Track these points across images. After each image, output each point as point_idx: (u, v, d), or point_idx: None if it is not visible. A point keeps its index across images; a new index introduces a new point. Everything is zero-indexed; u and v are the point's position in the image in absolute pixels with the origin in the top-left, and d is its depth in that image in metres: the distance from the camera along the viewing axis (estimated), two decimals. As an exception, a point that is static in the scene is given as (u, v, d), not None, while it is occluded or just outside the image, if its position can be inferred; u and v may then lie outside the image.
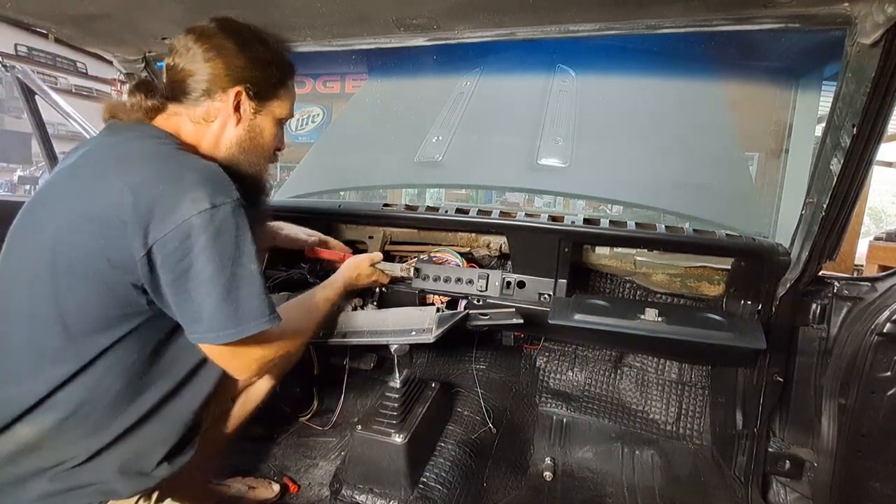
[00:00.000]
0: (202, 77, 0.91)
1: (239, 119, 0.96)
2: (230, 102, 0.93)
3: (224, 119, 0.94)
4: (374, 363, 1.78)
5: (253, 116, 0.97)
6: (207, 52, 0.91)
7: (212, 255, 0.78)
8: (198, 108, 0.93)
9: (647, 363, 1.75)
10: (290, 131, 7.13)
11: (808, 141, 1.81)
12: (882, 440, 1.11)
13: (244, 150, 0.98)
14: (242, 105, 0.95)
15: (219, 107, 0.93)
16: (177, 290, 0.80)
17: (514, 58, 2.01)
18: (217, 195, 0.80)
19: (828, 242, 1.08)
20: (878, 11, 0.75)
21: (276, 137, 1.04)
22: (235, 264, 0.81)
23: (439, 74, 2.05)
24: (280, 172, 6.38)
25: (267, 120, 1.00)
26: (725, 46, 1.65)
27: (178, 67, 0.92)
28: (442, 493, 1.25)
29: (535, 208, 3.32)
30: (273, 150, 1.06)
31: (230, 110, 0.94)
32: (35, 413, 0.80)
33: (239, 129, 0.96)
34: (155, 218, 0.77)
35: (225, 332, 0.81)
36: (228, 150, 0.96)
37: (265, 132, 1.01)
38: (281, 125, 1.05)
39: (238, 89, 0.93)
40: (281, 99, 1.01)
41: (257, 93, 0.95)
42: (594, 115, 1.85)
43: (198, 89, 0.92)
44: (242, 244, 0.82)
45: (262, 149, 1.02)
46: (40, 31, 1.30)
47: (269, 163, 1.06)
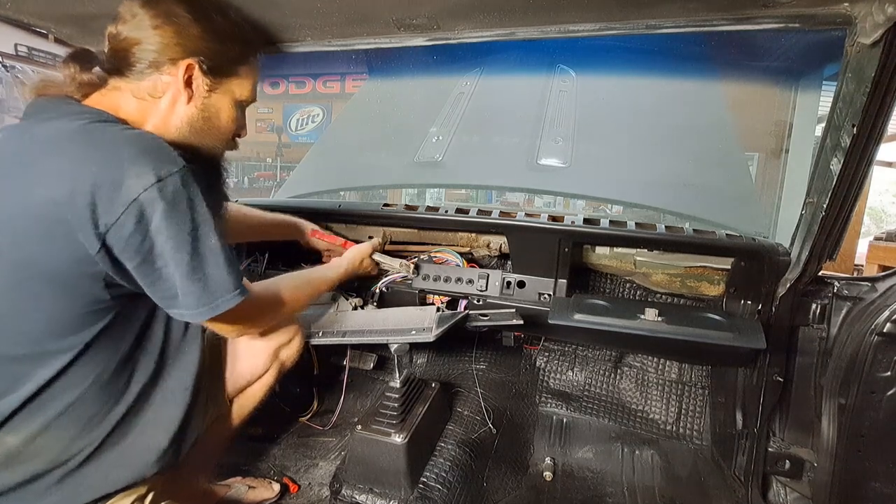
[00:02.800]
0: (149, 46, 0.81)
1: (191, 96, 0.86)
2: (180, 76, 0.83)
3: (174, 95, 0.85)
4: (374, 363, 1.78)
5: (207, 94, 0.88)
6: (155, 18, 0.81)
7: (170, 231, 0.73)
8: (143, 83, 0.83)
9: (647, 363, 1.75)
10: (290, 131, 7.17)
11: (808, 141, 1.81)
12: (882, 440, 1.11)
13: (196, 132, 0.89)
14: (195, 80, 0.85)
15: (167, 81, 0.84)
16: (145, 273, 0.76)
17: (514, 58, 2.01)
18: (161, 166, 0.74)
19: (828, 242, 1.08)
20: (878, 11, 0.75)
21: (235, 120, 0.94)
22: (195, 237, 0.76)
23: (439, 74, 2.06)
24: (280, 172, 6.39)
25: (224, 100, 0.91)
26: (725, 46, 1.65)
27: (122, 35, 0.82)
28: (442, 493, 1.25)
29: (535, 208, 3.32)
30: (232, 134, 0.97)
31: (180, 85, 0.84)
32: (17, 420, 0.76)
33: (190, 108, 0.87)
34: (100, 204, 0.71)
35: (199, 310, 0.78)
36: (178, 131, 0.87)
37: (221, 113, 0.91)
38: (242, 108, 0.96)
39: (189, 62, 0.83)
40: (241, 77, 0.92)
41: (213, 68, 0.86)
42: (594, 115, 1.85)
43: (143, 60, 0.82)
44: (198, 214, 0.77)
45: (218, 131, 0.93)
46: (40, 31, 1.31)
47: (226, 148, 0.98)
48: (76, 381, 0.79)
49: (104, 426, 0.82)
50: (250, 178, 7.33)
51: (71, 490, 0.80)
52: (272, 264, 1.61)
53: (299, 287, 1.10)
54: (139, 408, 0.87)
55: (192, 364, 0.93)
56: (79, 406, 0.79)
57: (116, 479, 0.83)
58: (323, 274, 1.22)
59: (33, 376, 0.76)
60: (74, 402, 0.79)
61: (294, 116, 6.77)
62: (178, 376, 0.91)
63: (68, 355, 0.77)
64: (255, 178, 7.26)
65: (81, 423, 0.80)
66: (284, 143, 6.64)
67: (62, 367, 0.77)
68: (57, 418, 0.78)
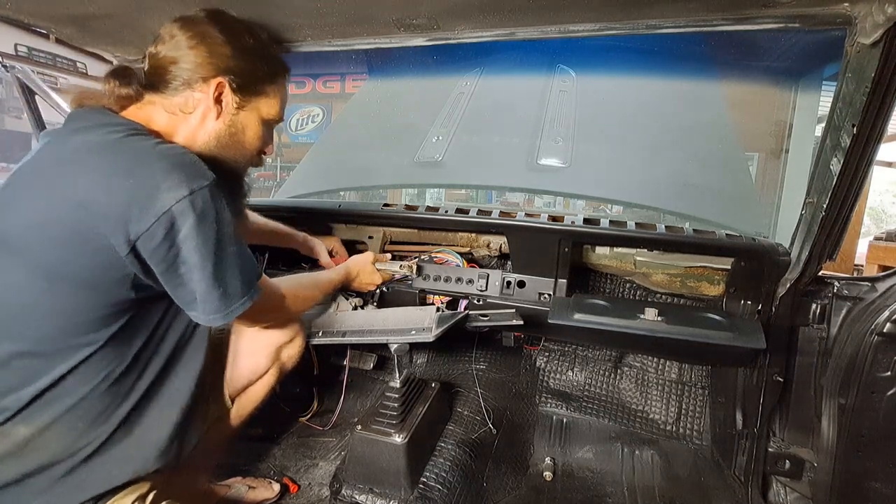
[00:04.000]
0: (184, 65, 0.86)
1: (220, 112, 0.90)
2: (211, 93, 0.88)
3: (204, 111, 0.89)
4: (374, 363, 1.78)
5: (235, 111, 0.92)
6: (191, 39, 0.86)
7: (197, 242, 0.77)
8: (176, 98, 0.88)
9: (647, 363, 1.75)
10: (289, 131, 7.15)
11: (808, 141, 1.81)
12: (882, 440, 1.11)
13: (223, 147, 0.92)
14: (224, 97, 0.89)
15: (199, 97, 0.88)
16: (170, 278, 0.80)
17: (514, 58, 2.01)
18: (193, 180, 0.77)
19: (828, 242, 1.07)
20: (878, 11, 0.75)
21: (260, 138, 0.98)
22: (219, 248, 0.80)
23: (439, 74, 2.06)
24: (280, 172, 6.39)
25: (251, 117, 0.95)
26: (725, 46, 1.65)
27: (160, 55, 0.87)
28: (442, 493, 1.25)
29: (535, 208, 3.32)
30: (257, 152, 1.01)
31: (210, 102, 0.88)
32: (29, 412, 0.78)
33: (219, 124, 0.91)
34: (132, 214, 0.74)
35: (215, 315, 0.83)
36: (206, 145, 0.91)
37: (248, 130, 0.95)
38: (269, 126, 1.00)
39: (220, 80, 0.88)
40: (269, 97, 0.96)
41: (242, 86, 0.90)
42: (594, 115, 1.86)
43: (178, 78, 0.87)
44: (224, 226, 0.81)
45: (244, 147, 0.96)
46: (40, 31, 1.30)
47: (250, 164, 1.02)
48: (89, 377, 0.81)
49: (111, 422, 0.84)
50: (250, 178, 7.33)
51: (75, 484, 0.80)
52: (272, 264, 1.61)
53: (307, 287, 1.16)
54: (144, 405, 0.88)
55: (197, 364, 0.95)
56: (89, 401, 0.81)
57: (119, 474, 0.84)
58: (329, 277, 1.26)
59: (50, 371, 0.78)
60: (85, 396, 0.81)
61: (294, 116, 6.76)
62: (184, 375, 0.93)
63: (86, 351, 0.79)
64: (255, 178, 7.27)
65: (90, 418, 0.82)
66: (284, 143, 6.64)
67: (77, 362, 0.79)
68: (67, 412, 0.80)
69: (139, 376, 0.87)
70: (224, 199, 0.82)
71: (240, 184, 1.04)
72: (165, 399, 0.91)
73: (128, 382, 0.86)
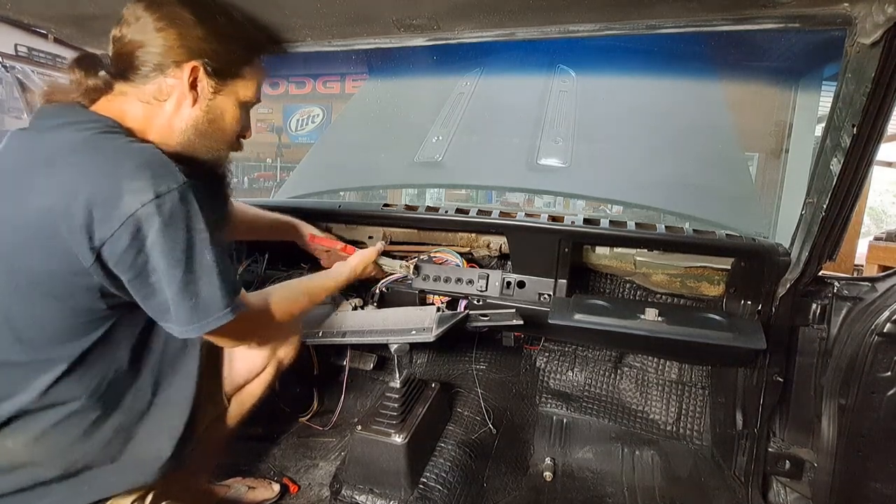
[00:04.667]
0: (153, 49, 0.81)
1: (196, 98, 0.85)
2: (185, 79, 0.83)
3: (179, 98, 0.84)
4: (374, 363, 1.78)
5: (212, 96, 0.87)
6: (159, 20, 0.80)
7: (164, 248, 0.73)
8: (148, 86, 0.82)
9: (647, 363, 1.75)
10: (289, 131, 7.16)
11: (808, 141, 1.81)
12: (882, 440, 1.11)
13: (201, 134, 0.88)
14: (200, 82, 0.84)
15: (172, 84, 0.83)
16: (139, 287, 0.76)
17: (514, 58, 2.01)
18: (160, 182, 0.73)
19: (828, 242, 1.07)
20: (877, 11, 0.75)
21: (239, 121, 0.94)
22: (190, 256, 0.75)
23: (439, 74, 2.06)
24: (280, 172, 6.39)
25: (229, 101, 0.90)
26: (725, 46, 1.65)
27: (126, 38, 0.81)
28: (442, 494, 1.25)
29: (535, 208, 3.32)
30: (236, 136, 0.96)
31: (185, 88, 0.83)
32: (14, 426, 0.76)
33: (196, 110, 0.86)
34: (96, 219, 0.70)
35: (189, 327, 0.78)
36: (183, 134, 0.86)
37: (226, 115, 0.91)
38: (246, 108, 0.96)
39: (195, 64, 0.83)
40: (245, 79, 0.91)
41: (217, 70, 0.86)
42: (594, 115, 1.86)
43: (148, 63, 0.81)
44: (195, 232, 0.76)
45: (223, 133, 0.92)
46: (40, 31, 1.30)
47: (230, 149, 0.98)
48: (75, 389, 0.79)
49: (103, 433, 0.82)
50: (250, 178, 7.33)
51: (70, 494, 0.79)
52: (272, 264, 1.61)
53: (294, 299, 1.06)
54: (140, 416, 0.87)
55: (191, 373, 0.93)
56: (79, 413, 0.79)
57: (118, 483, 0.83)
58: (321, 282, 1.18)
59: (33, 382, 0.76)
60: (74, 409, 0.79)
61: (294, 117, 6.77)
62: (179, 385, 0.91)
63: (66, 363, 0.77)
64: (254, 178, 7.26)
65: (81, 430, 0.80)
66: (284, 143, 6.64)
67: (60, 374, 0.77)
68: (56, 425, 0.78)
69: (129, 387, 0.85)
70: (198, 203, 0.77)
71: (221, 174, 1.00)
72: (162, 408, 0.89)
73: (118, 393, 0.84)
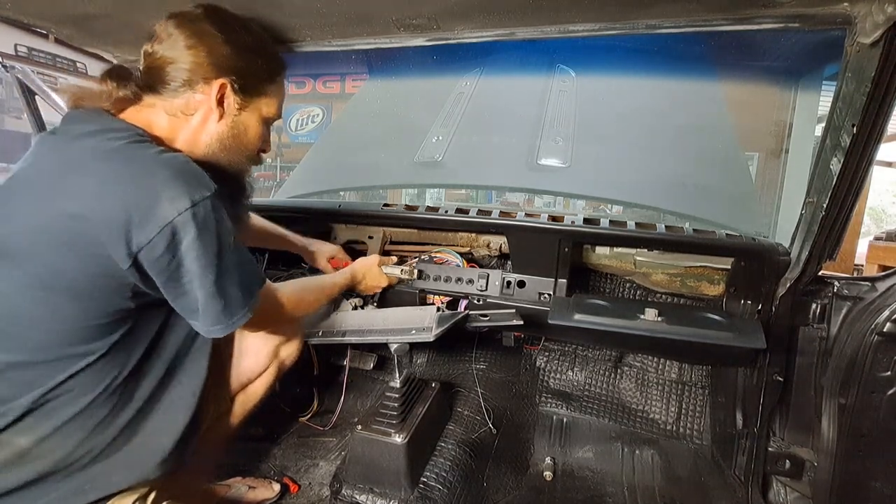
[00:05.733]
0: (183, 65, 0.84)
1: (222, 114, 0.89)
2: (213, 95, 0.86)
3: (205, 113, 0.88)
4: (374, 363, 1.78)
5: (237, 112, 0.91)
6: (189, 38, 0.84)
7: (198, 253, 0.77)
8: (176, 100, 0.86)
9: (647, 363, 1.75)
10: (289, 131, 7.16)
11: (808, 141, 1.81)
12: (882, 440, 1.11)
13: (225, 149, 0.92)
14: (227, 99, 0.88)
15: (200, 99, 0.86)
16: (171, 288, 0.80)
17: (514, 58, 2.01)
18: (194, 190, 0.76)
19: (828, 242, 1.07)
20: (877, 11, 0.75)
21: (260, 137, 0.98)
22: (220, 259, 0.79)
23: (439, 74, 2.06)
24: (280, 172, 6.39)
25: (252, 118, 0.94)
26: (725, 46, 1.65)
27: (157, 54, 0.85)
28: (442, 493, 1.25)
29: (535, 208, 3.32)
30: (257, 151, 1.00)
31: (212, 104, 0.87)
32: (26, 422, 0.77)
33: (221, 125, 0.90)
34: (133, 225, 0.73)
35: (216, 326, 0.83)
36: (208, 147, 0.90)
37: (249, 130, 0.94)
38: (267, 125, 0.99)
39: (223, 81, 0.86)
40: (269, 96, 0.95)
41: (243, 87, 0.89)
42: (594, 115, 1.86)
43: (178, 79, 0.85)
44: (224, 236, 0.80)
45: (246, 148, 0.96)
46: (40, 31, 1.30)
47: (251, 163, 1.01)
48: (88, 386, 0.79)
49: (112, 430, 0.83)
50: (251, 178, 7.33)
51: (74, 490, 0.80)
52: (272, 264, 1.61)
53: (311, 292, 1.15)
54: (146, 413, 0.87)
55: (200, 371, 0.94)
56: (89, 410, 0.80)
57: (120, 481, 0.83)
58: (333, 281, 1.26)
59: (48, 381, 0.77)
60: (85, 406, 0.79)
61: (294, 116, 6.76)
62: (187, 382, 0.92)
63: (84, 361, 0.78)
64: (254, 177, 7.27)
65: (90, 427, 0.81)
66: (284, 143, 6.64)
67: (76, 371, 0.78)
68: (67, 422, 0.78)
69: (140, 384, 0.86)
70: (225, 209, 0.81)
71: (242, 185, 1.03)
72: (167, 406, 0.90)
73: (128, 391, 0.85)
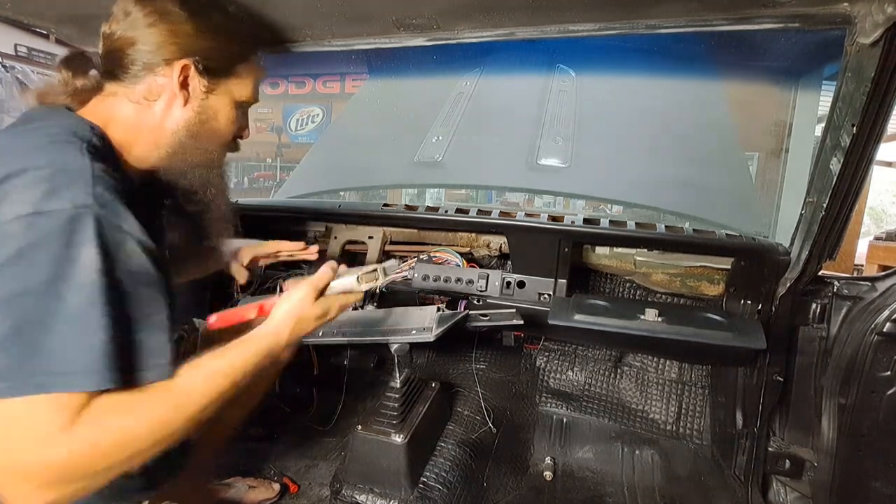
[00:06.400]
0: (143, 47, 0.76)
1: (187, 98, 0.81)
2: (175, 78, 0.78)
3: (169, 98, 0.79)
4: (374, 363, 1.79)
5: (204, 96, 0.82)
6: (149, 16, 0.76)
7: (12, 273, 0.58)
8: (137, 86, 0.78)
9: (647, 363, 1.75)
10: (289, 131, 7.15)
11: (808, 141, 1.81)
12: (882, 440, 1.11)
13: (194, 136, 0.83)
14: (191, 81, 0.80)
15: (162, 83, 0.78)
16: None
17: (514, 58, 2.01)
18: (52, 198, 0.60)
19: (828, 242, 1.08)
20: (877, 11, 0.75)
21: (234, 122, 0.89)
22: (49, 293, 0.58)
23: (439, 74, 2.06)
24: (280, 172, 6.39)
25: (223, 101, 0.85)
26: (725, 46, 1.65)
27: (115, 35, 0.77)
28: (442, 493, 1.25)
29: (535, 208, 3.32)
30: (232, 137, 0.91)
31: (175, 87, 0.79)
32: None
33: (187, 111, 0.82)
34: None
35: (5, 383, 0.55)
36: (175, 136, 0.82)
37: (220, 115, 0.86)
38: (242, 109, 0.91)
39: (185, 62, 0.78)
40: (241, 77, 0.87)
41: (209, 68, 0.81)
42: (594, 115, 1.86)
43: (138, 62, 0.77)
44: (72, 268, 0.59)
45: (217, 135, 0.87)
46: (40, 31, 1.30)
47: (226, 151, 0.93)
48: None
49: None
50: (250, 178, 7.34)
51: None
52: (271, 265, 1.60)
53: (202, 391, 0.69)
54: None
55: None
56: None
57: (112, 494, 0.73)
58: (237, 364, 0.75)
59: None
60: None
61: (294, 116, 6.76)
62: None
63: None
64: (254, 178, 7.27)
65: None
66: (284, 143, 6.64)
67: None
68: None
69: None
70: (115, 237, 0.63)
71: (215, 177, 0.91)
72: None
73: None
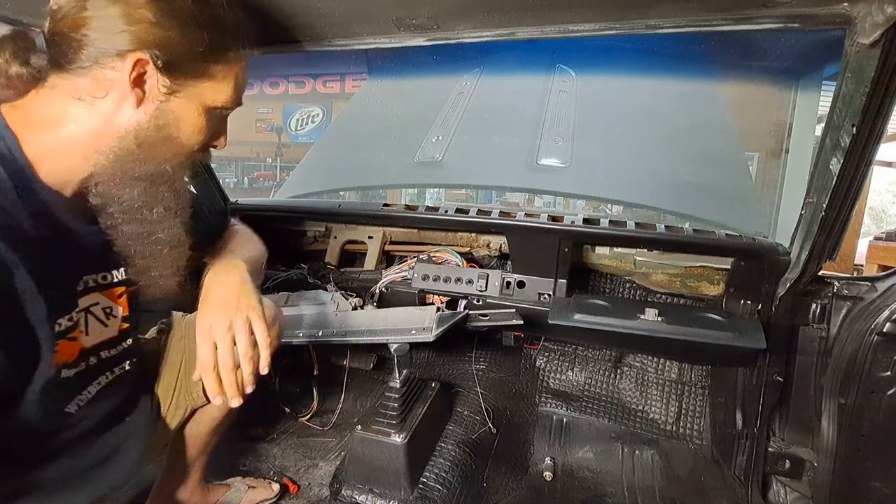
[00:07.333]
0: (91, 32, 0.61)
1: (141, 99, 0.65)
2: (127, 72, 0.63)
3: (120, 96, 0.64)
4: (374, 363, 1.78)
5: (164, 98, 0.67)
6: None
7: None
8: (82, 78, 0.63)
9: (647, 363, 1.75)
10: (290, 131, 7.17)
11: (808, 141, 1.82)
12: (882, 440, 1.11)
13: (144, 144, 0.66)
14: (148, 79, 0.65)
15: (111, 77, 0.63)
16: None
17: (514, 58, 2.02)
18: None
19: (828, 242, 1.07)
20: (877, 11, 0.75)
21: (203, 130, 0.73)
22: None
23: (439, 74, 2.06)
24: (280, 172, 6.40)
25: (188, 106, 0.69)
26: (725, 46, 1.65)
27: (61, 13, 0.62)
28: (442, 493, 1.25)
29: (535, 208, 3.32)
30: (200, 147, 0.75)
31: (127, 84, 0.64)
32: None
33: (139, 114, 0.66)
34: None
35: None
36: (121, 141, 0.65)
37: (182, 122, 0.70)
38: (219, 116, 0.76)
39: (140, 56, 0.62)
40: (216, 80, 0.70)
41: (173, 64, 0.65)
42: (594, 114, 1.86)
43: (84, 48, 0.62)
44: None
45: (175, 144, 0.70)
46: (40, 32, 1.30)
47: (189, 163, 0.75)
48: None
49: None
50: (250, 178, 7.35)
51: None
52: (270, 265, 1.60)
53: None
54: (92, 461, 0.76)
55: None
56: None
57: None
58: None
59: None
60: None
61: (294, 116, 6.78)
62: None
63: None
64: (254, 178, 7.28)
65: None
66: (284, 143, 6.66)
67: None
68: None
69: None
70: None
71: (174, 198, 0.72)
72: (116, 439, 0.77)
73: None
